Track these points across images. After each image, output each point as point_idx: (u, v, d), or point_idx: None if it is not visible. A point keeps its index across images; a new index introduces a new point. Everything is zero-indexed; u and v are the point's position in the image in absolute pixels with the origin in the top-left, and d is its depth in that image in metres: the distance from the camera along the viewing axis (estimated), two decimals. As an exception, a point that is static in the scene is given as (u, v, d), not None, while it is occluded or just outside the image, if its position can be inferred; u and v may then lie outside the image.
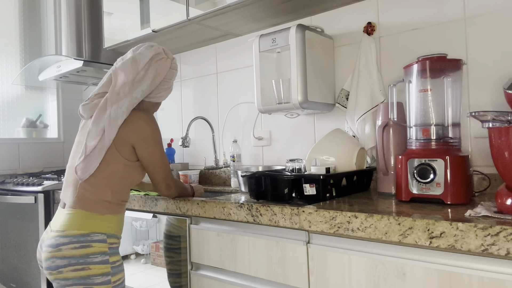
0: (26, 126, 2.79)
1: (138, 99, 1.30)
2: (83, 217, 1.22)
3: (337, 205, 1.15)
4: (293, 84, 1.55)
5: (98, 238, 1.22)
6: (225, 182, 2.13)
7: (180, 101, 2.42)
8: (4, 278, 2.34)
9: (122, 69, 1.30)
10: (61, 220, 1.24)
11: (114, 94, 1.27)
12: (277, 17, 1.81)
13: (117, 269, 1.24)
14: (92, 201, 1.24)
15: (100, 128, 1.24)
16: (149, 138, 1.29)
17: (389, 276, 0.98)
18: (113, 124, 1.24)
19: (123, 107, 1.26)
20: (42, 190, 2.03)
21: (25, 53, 2.84)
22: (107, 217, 1.26)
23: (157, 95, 1.37)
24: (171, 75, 1.37)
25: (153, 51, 1.33)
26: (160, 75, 1.33)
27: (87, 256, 1.19)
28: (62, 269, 1.18)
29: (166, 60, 1.35)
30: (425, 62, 1.22)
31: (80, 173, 1.23)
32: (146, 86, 1.30)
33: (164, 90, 1.38)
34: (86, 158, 1.23)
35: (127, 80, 1.27)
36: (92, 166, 1.23)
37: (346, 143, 1.45)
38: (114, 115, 1.25)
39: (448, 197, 1.12)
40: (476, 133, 1.39)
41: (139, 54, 1.32)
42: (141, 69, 1.29)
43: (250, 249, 1.27)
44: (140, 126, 1.28)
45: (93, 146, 1.23)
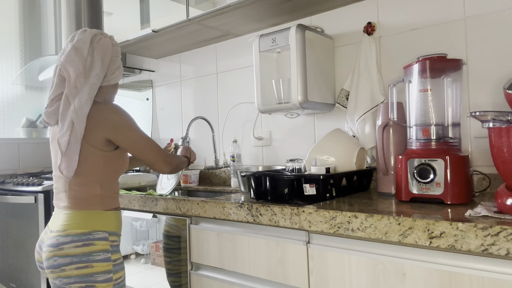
0: (26, 126, 2.79)
1: (96, 84, 1.26)
2: (82, 216, 1.23)
3: (337, 205, 1.15)
4: (293, 84, 1.55)
5: (100, 236, 1.23)
6: (225, 182, 2.13)
7: (180, 101, 2.42)
8: (4, 278, 2.34)
9: (68, 62, 1.26)
10: (60, 221, 1.24)
11: (72, 88, 1.24)
12: (277, 17, 1.81)
13: (118, 266, 1.26)
14: (85, 199, 1.25)
15: (67, 122, 1.22)
16: (121, 127, 1.27)
17: (389, 276, 0.98)
18: (80, 113, 1.22)
19: (84, 96, 1.23)
20: (42, 190, 2.03)
21: (25, 53, 2.84)
22: (105, 214, 1.27)
23: (112, 75, 1.32)
24: (116, 52, 1.35)
25: (89, 34, 1.30)
26: (107, 54, 1.30)
27: (90, 254, 1.20)
28: (65, 267, 1.19)
29: (105, 38, 1.33)
30: (425, 62, 1.22)
31: (65, 172, 1.22)
32: (99, 69, 1.27)
33: (117, 68, 1.34)
34: (64, 155, 1.22)
35: (78, 71, 1.24)
36: (73, 161, 1.22)
37: (346, 143, 1.45)
38: (79, 106, 1.22)
39: (448, 197, 1.12)
40: (476, 133, 1.39)
41: (78, 42, 1.28)
42: (87, 55, 1.26)
43: (250, 249, 1.27)
44: (109, 119, 1.26)
45: (67, 140, 1.21)
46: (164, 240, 1.61)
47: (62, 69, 1.27)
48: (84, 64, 1.25)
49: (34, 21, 2.89)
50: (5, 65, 2.75)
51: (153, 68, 2.56)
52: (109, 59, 1.31)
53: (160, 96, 2.54)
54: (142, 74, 2.63)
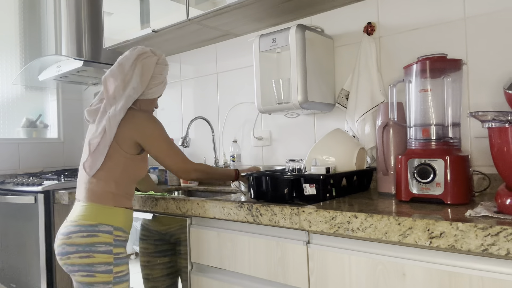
0: (26, 126, 2.79)
1: (132, 97, 1.37)
2: (93, 209, 1.32)
3: (337, 205, 1.15)
4: (293, 84, 1.55)
5: (104, 229, 1.31)
6: (225, 182, 2.13)
7: (180, 101, 2.42)
8: (4, 278, 2.34)
9: (110, 75, 1.39)
10: (76, 212, 1.35)
11: (110, 98, 1.37)
12: (277, 17, 1.81)
13: (120, 260, 1.32)
14: (99, 193, 1.34)
15: (101, 127, 1.34)
16: (152, 135, 1.37)
17: (389, 276, 0.98)
18: (112, 121, 1.33)
19: (119, 106, 1.34)
20: (42, 190, 2.03)
21: (25, 53, 2.84)
22: (114, 210, 1.34)
23: (149, 91, 1.43)
24: (160, 70, 1.44)
25: (137, 52, 1.41)
26: (148, 71, 1.40)
27: (93, 245, 1.28)
28: (70, 255, 1.28)
29: (152, 57, 1.42)
30: (425, 62, 1.22)
31: (88, 170, 1.34)
32: (136, 83, 1.37)
33: (156, 85, 1.44)
34: (91, 155, 1.34)
35: (117, 83, 1.36)
36: (98, 162, 1.33)
37: (346, 143, 1.45)
38: (112, 114, 1.34)
39: (448, 197, 1.12)
40: (476, 133, 1.39)
41: (123, 58, 1.41)
42: (128, 70, 1.38)
43: (250, 249, 1.27)
44: (140, 124, 1.37)
45: (97, 143, 1.33)
46: (140, 244, 1.63)
47: (103, 82, 1.40)
48: (124, 79, 1.37)
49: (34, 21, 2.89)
50: (5, 65, 2.75)
51: (153, 68, 2.56)
52: (150, 75, 1.41)
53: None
54: (142, 74, 2.63)
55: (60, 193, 2.00)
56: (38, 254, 2.03)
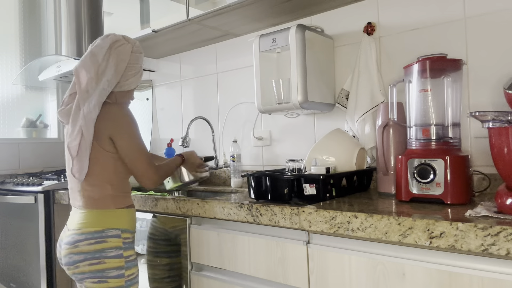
0: (26, 126, 2.79)
1: (106, 90, 1.28)
2: (96, 215, 1.28)
3: (337, 205, 1.15)
4: (293, 84, 1.55)
5: (112, 234, 1.27)
6: (225, 182, 2.13)
7: (180, 101, 2.42)
8: (4, 278, 2.34)
9: (82, 66, 1.28)
10: (76, 220, 1.29)
11: (83, 92, 1.26)
12: (277, 17, 1.81)
13: (130, 263, 1.30)
14: (97, 199, 1.29)
15: (77, 128, 1.26)
16: (123, 130, 1.28)
17: (389, 276, 0.98)
18: (88, 119, 1.24)
19: (93, 101, 1.25)
20: (42, 190, 2.03)
21: (25, 53, 2.84)
22: (118, 212, 1.30)
23: (125, 82, 1.33)
24: (135, 59, 1.34)
25: (109, 40, 1.31)
26: (123, 61, 1.31)
27: (102, 251, 1.25)
28: (79, 263, 1.24)
29: (126, 45, 1.32)
30: (425, 62, 1.22)
31: (77, 175, 1.27)
32: (111, 75, 1.28)
33: (133, 75, 1.35)
34: (76, 159, 1.26)
35: (90, 75, 1.26)
36: (84, 164, 1.26)
37: (346, 143, 1.45)
38: (87, 111, 1.25)
39: (448, 197, 1.12)
40: (476, 133, 1.39)
41: (96, 47, 1.30)
42: (101, 61, 1.27)
43: (250, 249, 1.27)
44: (113, 119, 1.28)
45: (77, 145, 1.25)
46: (148, 243, 1.62)
47: (74, 74, 1.29)
48: (97, 70, 1.27)
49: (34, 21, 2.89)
50: (5, 65, 2.75)
51: (153, 68, 2.56)
52: (125, 65, 1.32)
53: (160, 96, 2.54)
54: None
55: (60, 193, 2.00)
56: (38, 254, 2.03)
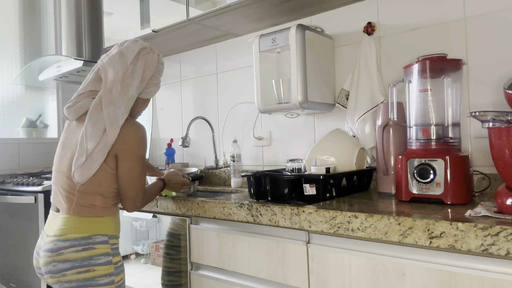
0: (26, 126, 2.79)
1: (134, 96, 1.26)
2: (81, 221, 1.21)
3: (337, 205, 1.15)
4: (293, 84, 1.55)
5: (100, 240, 1.21)
6: (225, 182, 2.13)
7: (180, 101, 2.42)
8: (4, 278, 2.34)
9: (110, 64, 1.25)
10: (57, 225, 1.22)
11: (106, 92, 1.22)
12: (277, 17, 1.81)
13: (119, 269, 1.25)
14: (85, 207, 1.22)
15: (99, 129, 1.19)
16: (133, 153, 1.24)
17: (389, 276, 0.98)
18: (114, 124, 1.20)
19: (122, 108, 1.22)
20: (42, 190, 2.03)
21: (25, 53, 2.84)
22: (105, 219, 1.25)
23: (146, 90, 1.32)
24: (159, 69, 1.34)
25: (139, 45, 1.30)
26: (149, 69, 1.30)
27: (91, 258, 1.19)
28: (66, 272, 1.17)
29: (153, 54, 1.32)
30: (425, 62, 1.22)
31: (77, 177, 1.19)
32: (138, 82, 1.27)
33: (154, 85, 1.33)
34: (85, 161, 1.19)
35: (117, 76, 1.23)
36: (91, 169, 1.19)
37: (346, 143, 1.45)
38: (114, 115, 1.20)
39: (448, 197, 1.12)
40: (476, 133, 1.39)
41: (126, 48, 1.27)
42: (129, 64, 1.25)
43: (250, 249, 1.27)
44: (127, 138, 1.23)
45: (93, 147, 1.18)
46: (168, 237, 1.59)
47: (101, 69, 1.25)
48: (125, 71, 1.24)
49: (34, 21, 2.89)
50: (5, 65, 2.75)
51: (153, 68, 2.56)
52: (151, 74, 1.31)
53: (160, 96, 2.54)
54: (142, 74, 2.63)
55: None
56: (38, 254, 2.03)
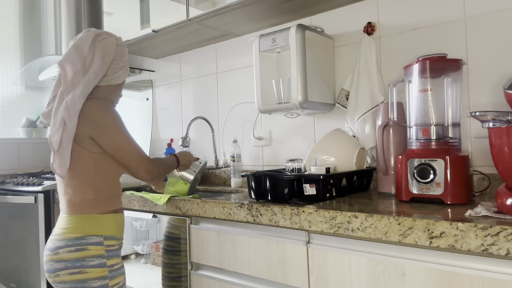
0: (26, 126, 2.79)
1: (92, 81, 1.22)
2: (77, 220, 1.21)
3: (337, 205, 1.15)
4: (293, 84, 1.55)
5: (94, 241, 1.19)
6: (225, 182, 2.13)
7: (180, 101, 2.42)
8: (4, 278, 2.34)
9: (67, 60, 1.23)
10: (60, 225, 1.25)
11: (68, 85, 1.21)
12: (277, 17, 1.81)
13: (115, 272, 1.22)
14: (78, 203, 1.22)
15: (59, 119, 1.17)
16: (105, 126, 1.20)
17: (389, 276, 0.98)
18: (71, 109, 1.16)
19: (77, 91, 1.19)
20: (42, 190, 2.03)
21: (25, 53, 2.84)
22: (101, 218, 1.22)
23: (114, 75, 1.29)
24: (120, 52, 1.31)
25: (92, 33, 1.28)
26: (109, 53, 1.26)
27: (83, 260, 1.17)
28: (59, 272, 1.18)
29: (110, 38, 1.30)
30: (425, 62, 1.22)
31: (58, 171, 1.19)
32: (97, 67, 1.23)
33: (120, 69, 1.30)
34: (57, 154, 1.18)
35: (76, 68, 1.21)
36: (66, 160, 1.18)
37: (346, 143, 1.45)
38: (71, 101, 1.17)
39: (448, 197, 1.12)
40: (476, 133, 1.39)
41: (79, 40, 1.26)
42: (87, 54, 1.23)
43: (250, 249, 1.27)
44: (93, 115, 1.20)
45: (59, 139, 1.17)
46: (165, 241, 1.59)
47: (59, 67, 1.23)
48: (83, 62, 1.22)
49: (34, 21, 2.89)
50: (5, 65, 2.75)
51: (153, 68, 2.56)
52: (111, 58, 1.27)
53: (160, 96, 2.54)
54: (142, 74, 2.63)
55: (60, 193, 2.00)
56: (38, 254, 2.03)
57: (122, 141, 1.22)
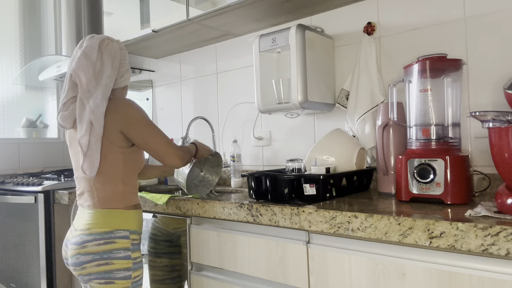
0: (26, 126, 2.79)
1: (108, 85, 1.31)
2: (105, 215, 1.27)
3: (337, 205, 1.15)
4: (293, 84, 1.55)
5: (121, 235, 1.27)
6: (225, 182, 2.13)
7: (180, 101, 2.42)
8: (4, 278, 2.34)
9: (79, 68, 1.30)
10: (84, 220, 1.29)
11: (85, 92, 1.28)
12: (277, 17, 1.81)
13: (137, 265, 1.29)
14: (108, 197, 1.29)
15: (85, 123, 1.26)
16: (135, 120, 1.30)
17: (389, 276, 0.98)
18: (97, 112, 1.25)
19: (99, 96, 1.27)
20: (42, 190, 2.03)
21: (25, 53, 2.84)
22: (127, 213, 1.30)
23: (121, 78, 1.38)
24: (123, 55, 1.39)
25: (97, 40, 1.34)
26: (115, 58, 1.35)
27: (111, 252, 1.24)
28: (86, 264, 1.24)
29: (113, 43, 1.37)
30: (425, 62, 1.22)
31: (88, 172, 1.26)
32: (109, 71, 1.32)
33: (125, 71, 1.39)
34: (86, 155, 1.26)
35: (89, 75, 1.29)
36: (95, 160, 1.26)
37: (346, 143, 1.45)
38: (94, 106, 1.26)
39: (448, 197, 1.12)
40: (476, 133, 1.39)
41: (86, 47, 1.33)
42: (96, 60, 1.30)
43: (250, 249, 1.27)
44: (123, 112, 1.29)
45: (87, 141, 1.25)
46: (149, 243, 1.61)
47: (73, 75, 1.30)
48: (94, 68, 1.30)
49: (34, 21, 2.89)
50: (5, 65, 2.75)
51: (153, 68, 2.56)
52: (118, 62, 1.36)
53: (160, 96, 2.54)
54: (142, 74, 2.63)
55: (60, 193, 2.00)
56: (38, 254, 2.03)
57: (151, 132, 1.32)
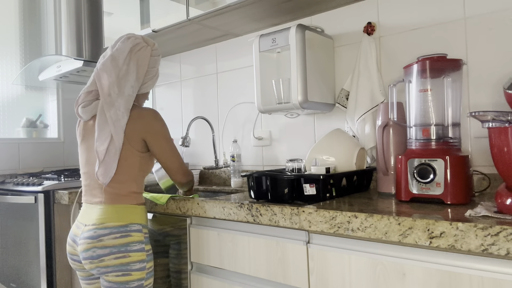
0: (26, 126, 2.79)
1: (131, 96, 1.33)
2: (118, 210, 1.32)
3: (337, 205, 1.15)
4: (293, 84, 1.55)
5: (135, 228, 1.32)
6: (225, 182, 2.13)
7: (180, 101, 2.42)
8: (4, 278, 2.34)
9: (103, 70, 1.32)
10: (95, 215, 1.31)
11: (105, 96, 1.31)
12: (277, 17, 1.81)
13: (150, 257, 1.35)
14: (122, 196, 1.33)
15: (105, 132, 1.30)
16: (159, 132, 1.37)
17: (389, 276, 0.98)
18: (117, 126, 1.30)
19: (121, 108, 1.30)
20: (42, 190, 2.03)
21: (25, 53, 2.84)
22: (138, 208, 1.36)
23: (144, 86, 1.40)
24: (153, 62, 1.40)
25: (130, 43, 1.35)
26: (142, 66, 1.36)
27: (128, 245, 1.29)
28: (104, 257, 1.27)
29: (145, 48, 1.37)
30: (425, 62, 1.22)
31: (101, 178, 1.30)
32: (133, 81, 1.33)
33: (150, 79, 1.41)
34: (102, 163, 1.30)
35: (111, 79, 1.31)
36: (111, 169, 1.30)
37: (346, 143, 1.45)
38: (115, 118, 1.30)
39: (448, 197, 1.12)
40: (476, 133, 1.39)
41: (116, 51, 1.34)
42: (122, 65, 1.32)
43: (250, 249, 1.27)
44: (149, 122, 1.35)
45: (105, 149, 1.29)
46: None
47: (95, 77, 1.33)
48: (118, 74, 1.31)
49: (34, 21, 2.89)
50: (5, 65, 2.75)
51: (153, 68, 2.56)
52: (145, 70, 1.37)
53: (160, 96, 2.54)
54: (142, 74, 2.63)
55: (60, 193, 2.00)
56: (38, 254, 2.03)
57: (169, 147, 1.41)
